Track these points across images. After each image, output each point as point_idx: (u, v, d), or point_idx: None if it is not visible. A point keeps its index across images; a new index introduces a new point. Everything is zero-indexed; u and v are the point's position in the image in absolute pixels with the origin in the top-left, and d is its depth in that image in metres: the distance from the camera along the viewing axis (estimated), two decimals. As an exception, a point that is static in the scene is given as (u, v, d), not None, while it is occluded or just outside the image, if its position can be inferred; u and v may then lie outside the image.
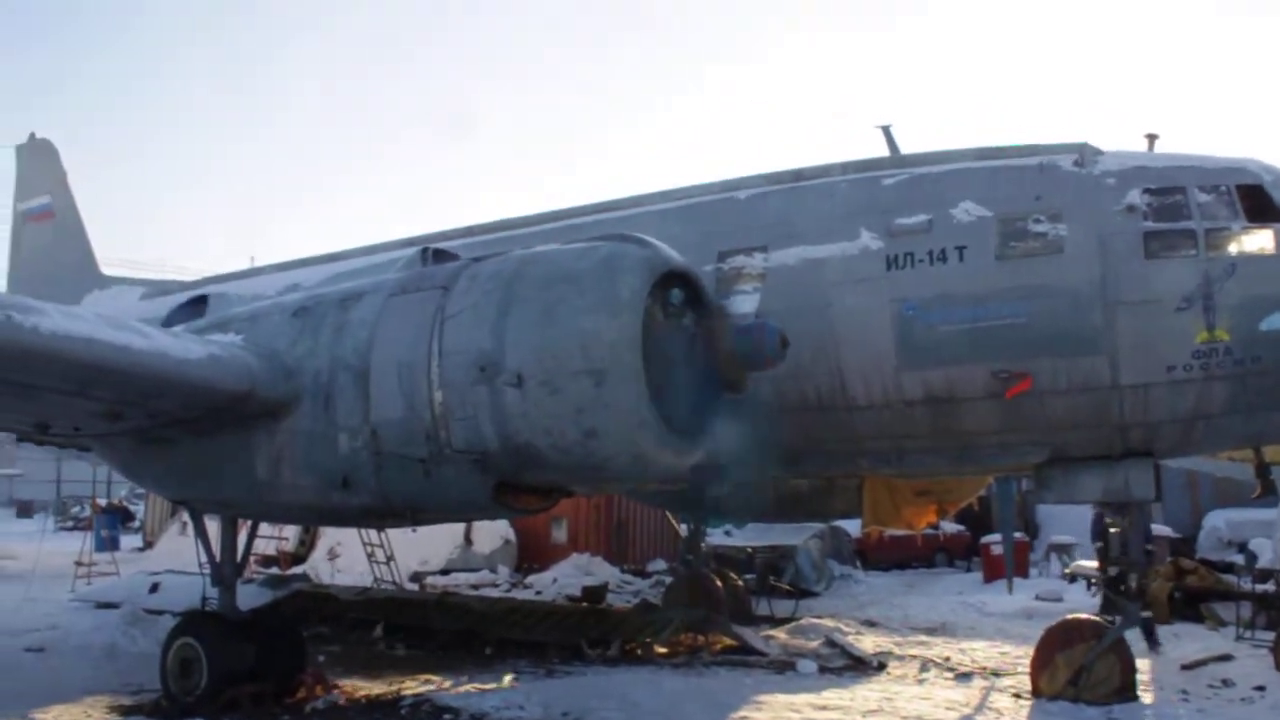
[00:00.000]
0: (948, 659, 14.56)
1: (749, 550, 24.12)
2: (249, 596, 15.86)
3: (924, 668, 13.98)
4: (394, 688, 12.50)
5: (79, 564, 24.37)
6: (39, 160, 26.52)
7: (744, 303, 12.27)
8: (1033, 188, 11.72)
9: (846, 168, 12.92)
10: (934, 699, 11.89)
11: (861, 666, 14.03)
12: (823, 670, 13.77)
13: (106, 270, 24.86)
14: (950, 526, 29.92)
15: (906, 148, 13.15)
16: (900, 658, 14.67)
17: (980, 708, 11.50)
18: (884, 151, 13.21)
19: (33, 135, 26.92)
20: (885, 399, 12.00)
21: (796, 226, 12.59)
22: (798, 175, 13.27)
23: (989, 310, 11.39)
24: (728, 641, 15.26)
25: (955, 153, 12.49)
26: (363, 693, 12.23)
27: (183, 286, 20.34)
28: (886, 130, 13.34)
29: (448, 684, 12.72)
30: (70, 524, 45.84)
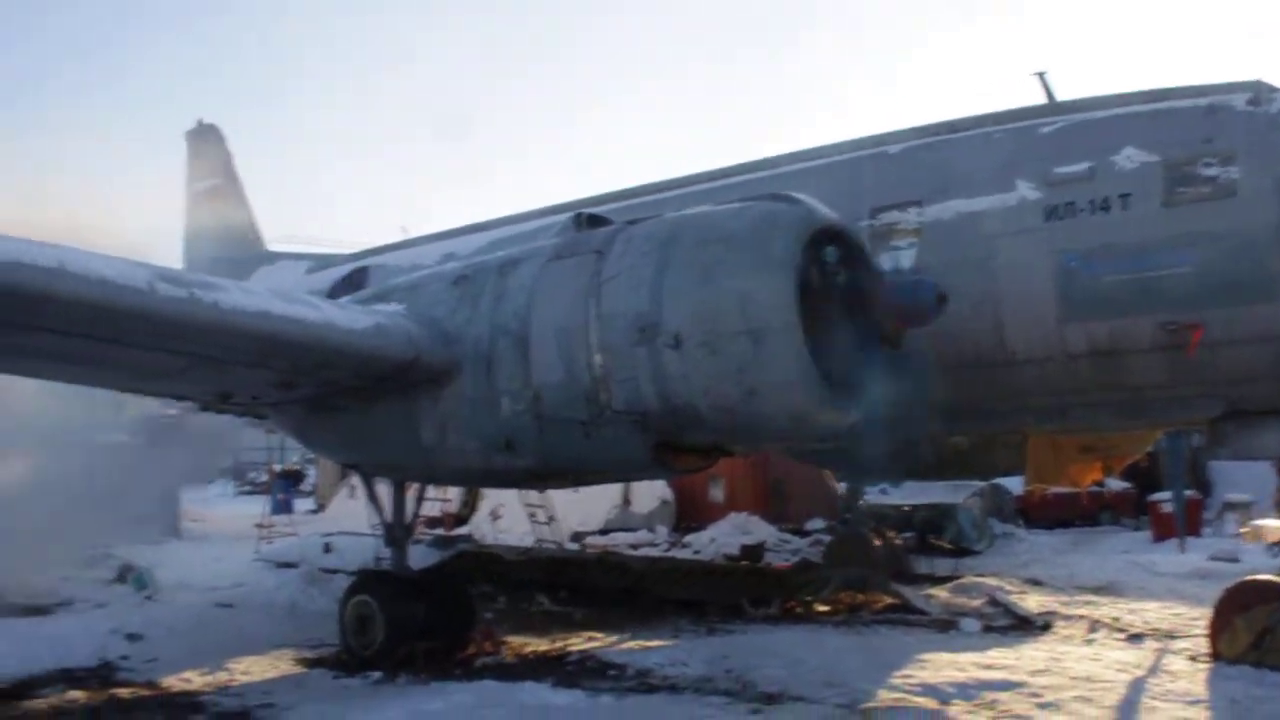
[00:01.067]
0: (1117, 620, 14.11)
1: (908, 508, 23.80)
2: (417, 557, 16.38)
3: (1092, 628, 13.59)
4: (559, 644, 12.79)
5: (259, 526, 25.59)
6: (207, 144, 27.70)
7: (899, 258, 12.08)
8: (1202, 130, 11.18)
9: (1001, 117, 12.54)
10: (1104, 660, 11.55)
11: (1026, 626, 13.72)
12: (986, 629, 13.52)
13: (272, 246, 25.89)
14: (1116, 484, 28.87)
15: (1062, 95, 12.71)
16: (1067, 618, 14.26)
17: (1154, 670, 11.12)
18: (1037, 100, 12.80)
19: (200, 121, 28.11)
20: (1047, 353, 11.68)
21: (951, 179, 12.30)
22: (951, 127, 12.94)
23: (1156, 259, 10.95)
24: (888, 600, 15.14)
25: (1116, 97, 11.97)
26: (529, 649, 12.56)
27: (344, 259, 21.00)
28: (1042, 76, 12.89)
29: (611, 641, 12.95)
30: (248, 488, 48.12)
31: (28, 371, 11.68)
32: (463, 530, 24.98)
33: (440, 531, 24.26)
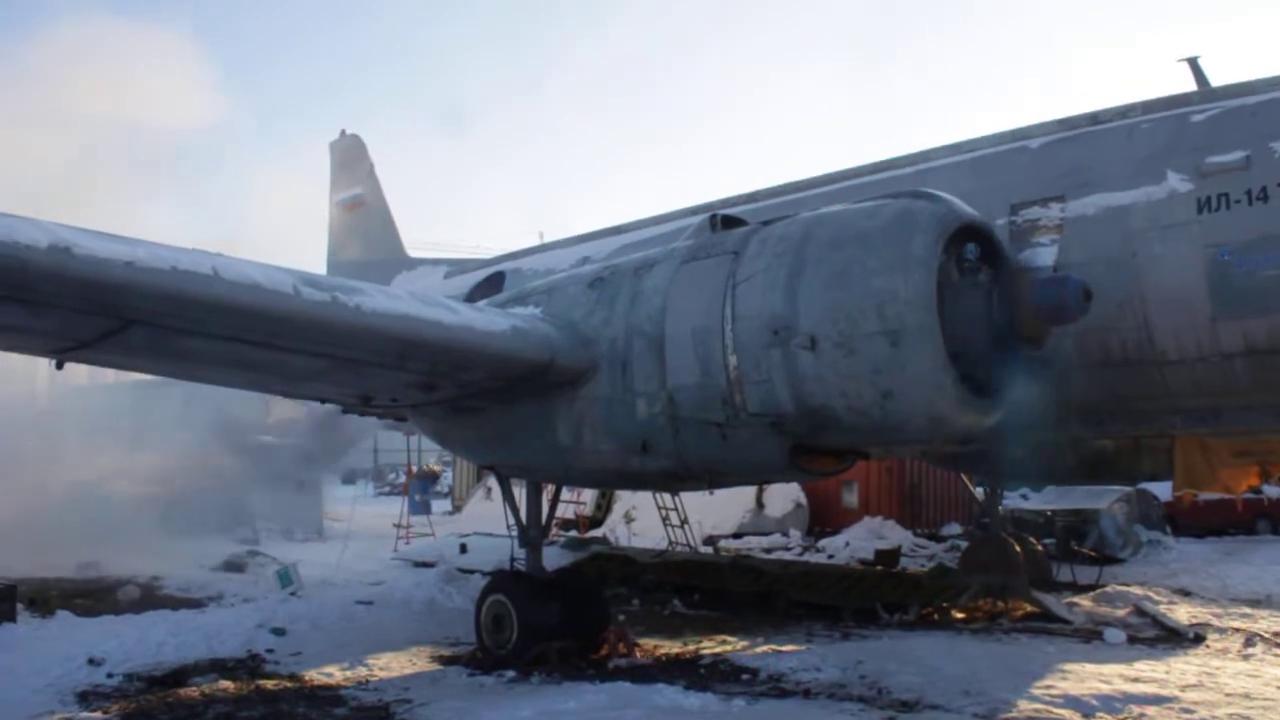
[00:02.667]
0: (1276, 634, 13.48)
1: (1049, 514, 23.19)
2: (551, 558, 16.58)
3: (1249, 642, 13.00)
4: (692, 647, 12.78)
5: (397, 526, 26.21)
6: (349, 154, 28.58)
7: (1041, 255, 11.75)
8: None
9: (1149, 106, 12.09)
10: (1262, 676, 11.01)
11: (1176, 638, 13.20)
12: (1132, 640, 13.05)
13: (412, 252, 26.53)
14: (1275, 490, 27.69)
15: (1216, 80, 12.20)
16: (1220, 630, 13.68)
17: (1320, 687, 10.61)
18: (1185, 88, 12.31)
19: (343, 131, 29.03)
20: (1199, 352, 11.21)
21: (1095, 173, 11.91)
22: (1093, 119, 12.54)
23: None
24: (1028, 608, 14.75)
25: (1272, 80, 11.46)
26: (662, 651, 12.57)
27: (481, 264, 21.38)
28: (1193, 62, 12.40)
29: (744, 644, 12.89)
30: (387, 489, 49.35)
31: (182, 374, 12.18)
32: (597, 532, 25.21)
33: (574, 533, 24.52)
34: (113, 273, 8.28)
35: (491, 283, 18.02)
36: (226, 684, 11.06)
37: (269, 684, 11.16)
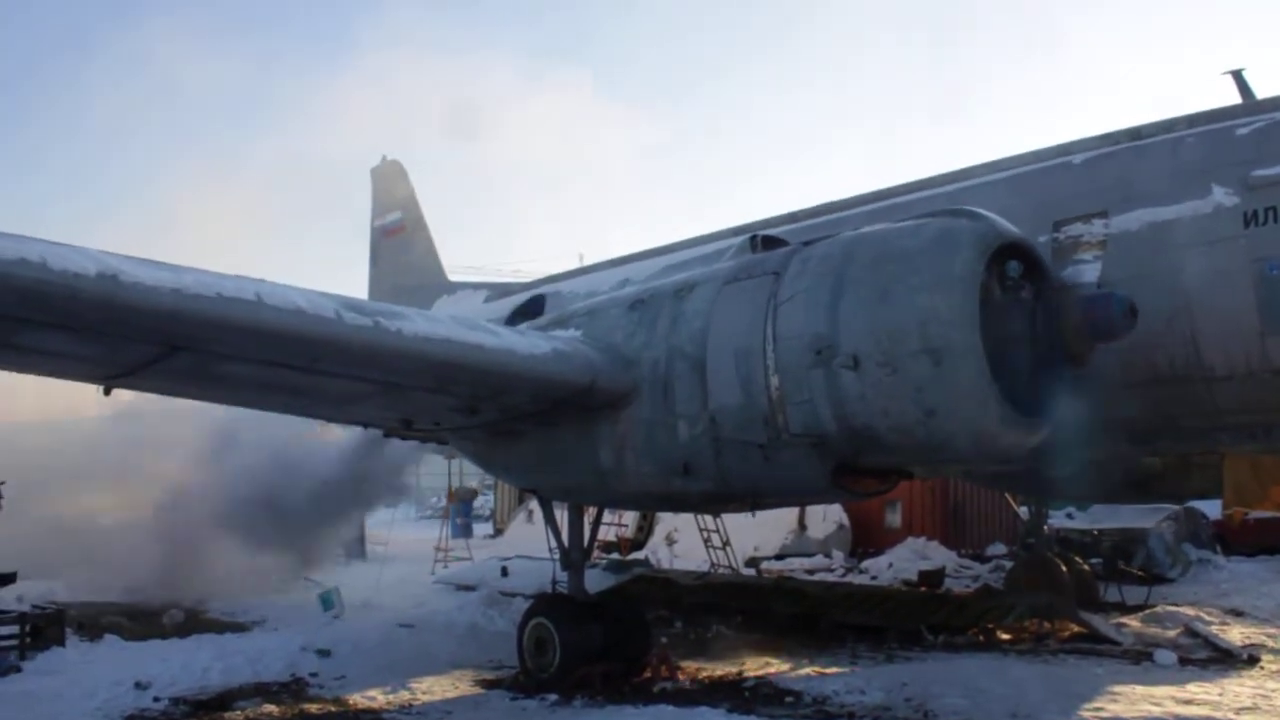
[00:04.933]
0: (1331, 653, 13.25)
1: (1095, 533, 22.84)
2: (593, 580, 16.54)
3: (1304, 662, 12.80)
4: (735, 669, 12.71)
5: (438, 549, 26.28)
6: (391, 179, 28.87)
7: (1085, 272, 11.65)
8: None
9: (1193, 120, 11.97)
10: (1319, 698, 10.86)
11: (1229, 659, 12.96)
12: (1183, 662, 12.83)
13: (452, 276, 26.71)
14: (1328, 508, 27.21)
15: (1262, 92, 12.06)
16: (1275, 652, 13.41)
17: (1376, 708, 10.40)
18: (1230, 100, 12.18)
19: (384, 157, 29.35)
20: (1249, 368, 11.07)
21: (1138, 188, 11.81)
22: (1135, 134, 12.44)
23: None
24: (1076, 629, 14.57)
25: (1323, 92, 11.33)
26: (705, 674, 12.51)
27: (522, 288, 21.47)
28: (1238, 74, 12.28)
29: (787, 667, 12.82)
30: (429, 512, 49.47)
31: (226, 399, 12.30)
32: (638, 554, 25.14)
33: (616, 555, 24.48)
34: (159, 300, 8.40)
35: (532, 306, 18.08)
36: (271, 707, 11.14)
37: (313, 707, 11.22)
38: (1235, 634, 14.53)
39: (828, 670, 12.52)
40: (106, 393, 10.39)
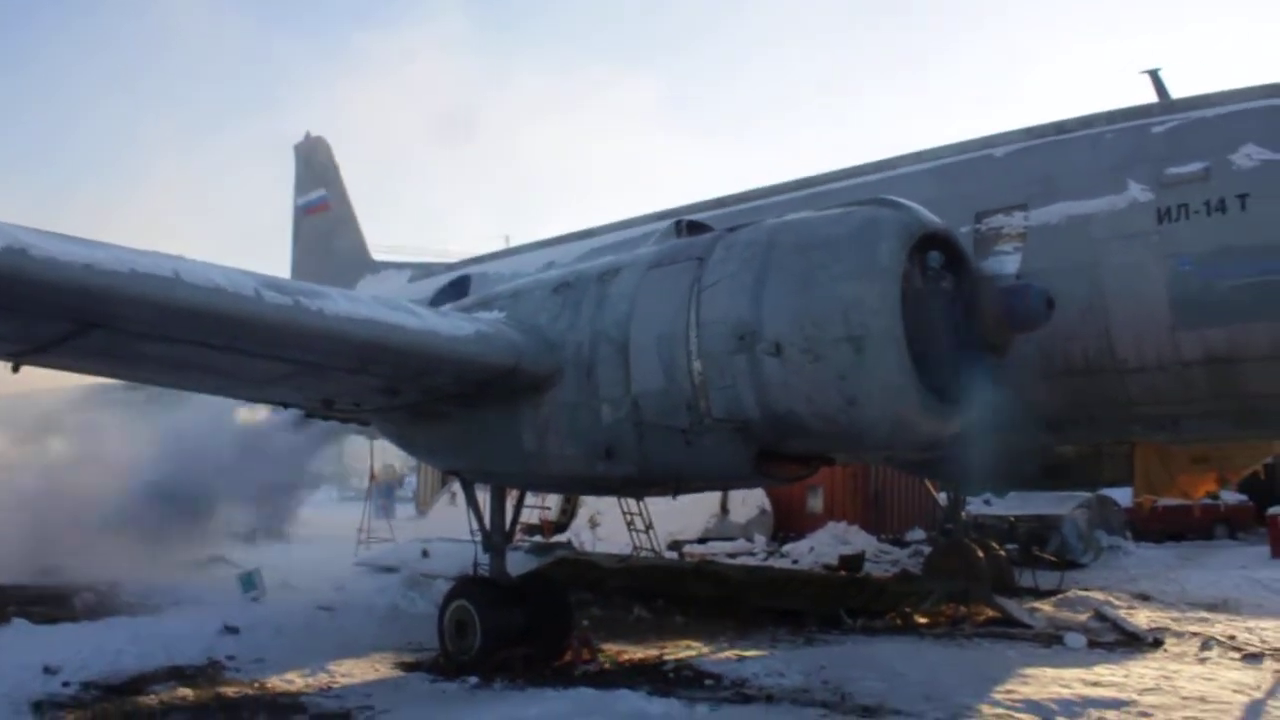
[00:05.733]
0: (1232, 638, 13.57)
1: (1011, 520, 23.34)
2: (515, 563, 16.47)
3: (1205, 646, 13.09)
4: (656, 652, 12.74)
5: (360, 531, 26.02)
6: (315, 157, 28.42)
7: (1004, 264, 11.85)
8: None
9: (1112, 117, 12.24)
10: (1218, 680, 11.11)
11: (1135, 643, 13.29)
12: (1092, 645, 13.12)
13: (376, 256, 26.39)
14: (1232, 496, 28.03)
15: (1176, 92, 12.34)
16: (1178, 635, 13.77)
17: (1274, 691, 10.67)
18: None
19: (308, 134, 28.86)
20: (1159, 361, 11.36)
21: (1058, 182, 12.04)
22: (1058, 128, 12.69)
23: (1277, 262, 10.58)
24: (990, 613, 14.83)
25: (1234, 93, 11.60)
26: (626, 656, 12.52)
27: (446, 268, 21.30)
28: (1154, 74, 12.55)
29: (708, 650, 12.87)
30: (351, 494, 48.97)
31: (143, 378, 12.06)
32: (561, 537, 25.14)
33: (539, 538, 24.45)
34: (70, 275, 8.16)
35: (456, 287, 17.94)
36: (186, 692, 10.92)
37: (229, 691, 11.02)
38: (1142, 618, 14.89)
39: (747, 653, 12.59)
40: (15, 369, 10.09)
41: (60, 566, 18.72)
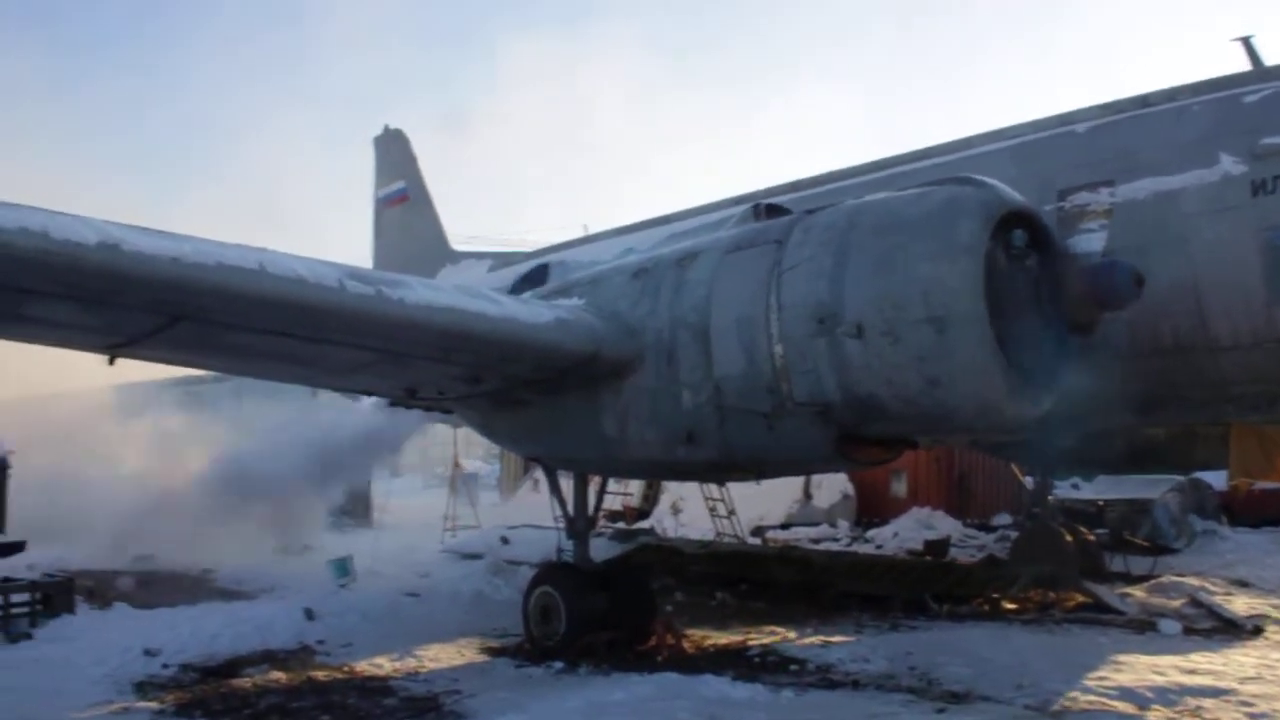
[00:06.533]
0: (1335, 624, 13.24)
1: (1100, 504, 22.84)
2: (598, 549, 16.57)
3: (1309, 634, 12.79)
4: (740, 638, 12.75)
5: (445, 517, 26.33)
6: (393, 149, 28.71)
7: (1090, 241, 11.57)
8: None
9: (1199, 88, 11.86)
10: (1323, 668, 10.85)
11: (1233, 630, 12.95)
12: (1188, 632, 12.83)
13: (456, 246, 26.62)
14: (1333, 479, 27.16)
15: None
16: (1278, 622, 13.46)
17: (1377, 677, 10.38)
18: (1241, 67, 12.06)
19: (386, 127, 29.14)
20: (1255, 338, 11.01)
21: (1145, 157, 11.71)
22: (1142, 102, 12.33)
23: None
24: (1080, 598, 14.58)
25: (1333, 59, 11.21)
26: (710, 642, 12.56)
27: (525, 257, 21.40)
28: (1247, 41, 12.14)
29: (792, 635, 12.84)
30: (435, 482, 49.54)
31: (231, 369, 12.32)
32: (644, 523, 25.20)
33: (622, 524, 24.53)
34: (159, 268, 8.38)
35: (535, 275, 17.98)
36: (279, 675, 11.21)
37: (320, 675, 11.28)
38: (1240, 604, 14.51)
39: (832, 639, 12.54)
40: (111, 362, 10.38)
41: (155, 553, 19.26)
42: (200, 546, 19.56)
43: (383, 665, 11.67)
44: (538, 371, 11.29)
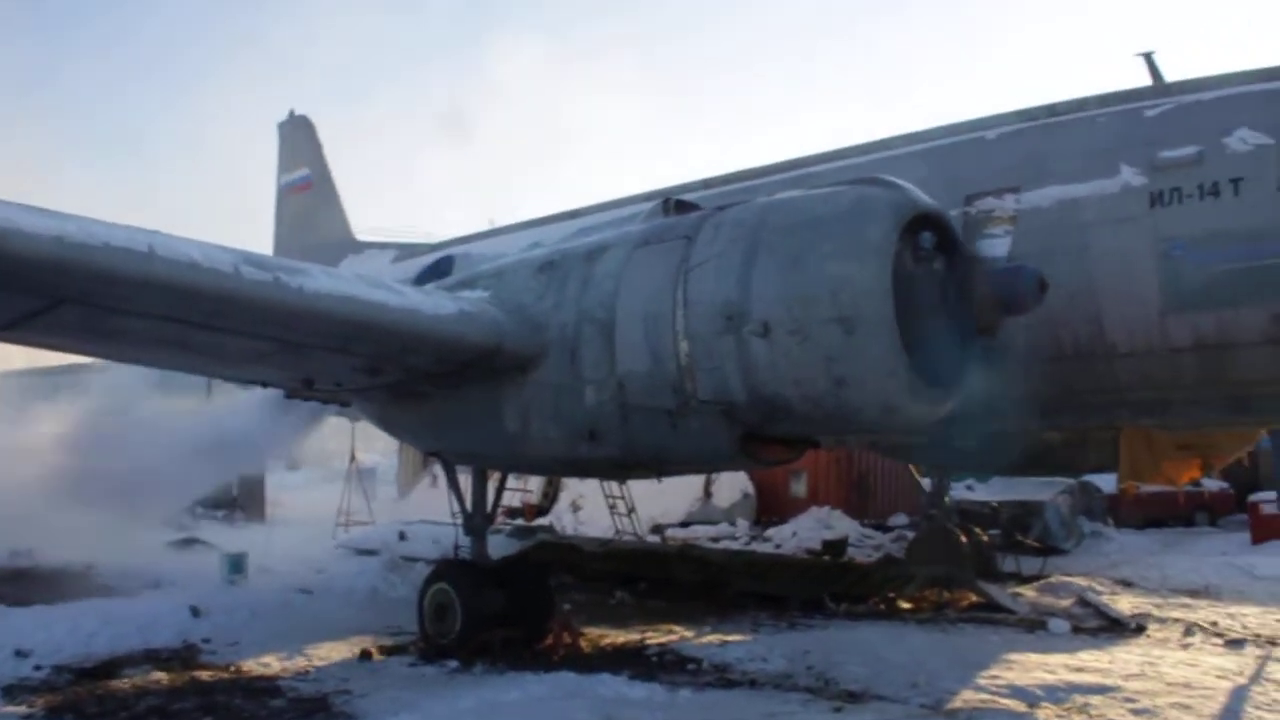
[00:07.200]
0: (1215, 624, 13.60)
1: (994, 505, 23.29)
2: (497, 546, 16.38)
3: (1188, 631, 13.12)
4: (638, 636, 12.67)
5: (339, 513, 25.84)
6: (298, 135, 28.15)
7: (995, 246, 11.75)
8: None
9: (1105, 100, 12.14)
10: (1201, 665, 11.11)
11: (1118, 628, 13.29)
12: (1076, 630, 13.12)
13: (360, 236, 26.15)
14: (1213, 483, 28.09)
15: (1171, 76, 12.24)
16: (1161, 620, 13.79)
17: (1257, 677, 10.66)
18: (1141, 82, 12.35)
19: (292, 112, 28.55)
20: (1149, 345, 11.29)
21: (1050, 165, 11.93)
22: (1051, 111, 12.59)
23: (1270, 247, 10.49)
24: (974, 598, 14.81)
25: (1228, 76, 11.52)
26: (607, 640, 12.46)
27: (430, 249, 21.10)
28: (1148, 57, 12.44)
29: (690, 634, 12.80)
30: (330, 476, 48.68)
31: (117, 356, 11.84)
32: (543, 520, 25.03)
33: (521, 521, 24.33)
34: (40, 248, 7.95)
35: (440, 267, 17.71)
36: (160, 675, 10.80)
37: (205, 675, 10.90)
38: (1125, 604, 14.90)
39: (730, 637, 12.53)
40: (-12, 346, 9.91)
41: (33, 548, 18.51)
42: (81, 541, 18.85)
43: (271, 664, 11.32)
44: (439, 364, 11.05)
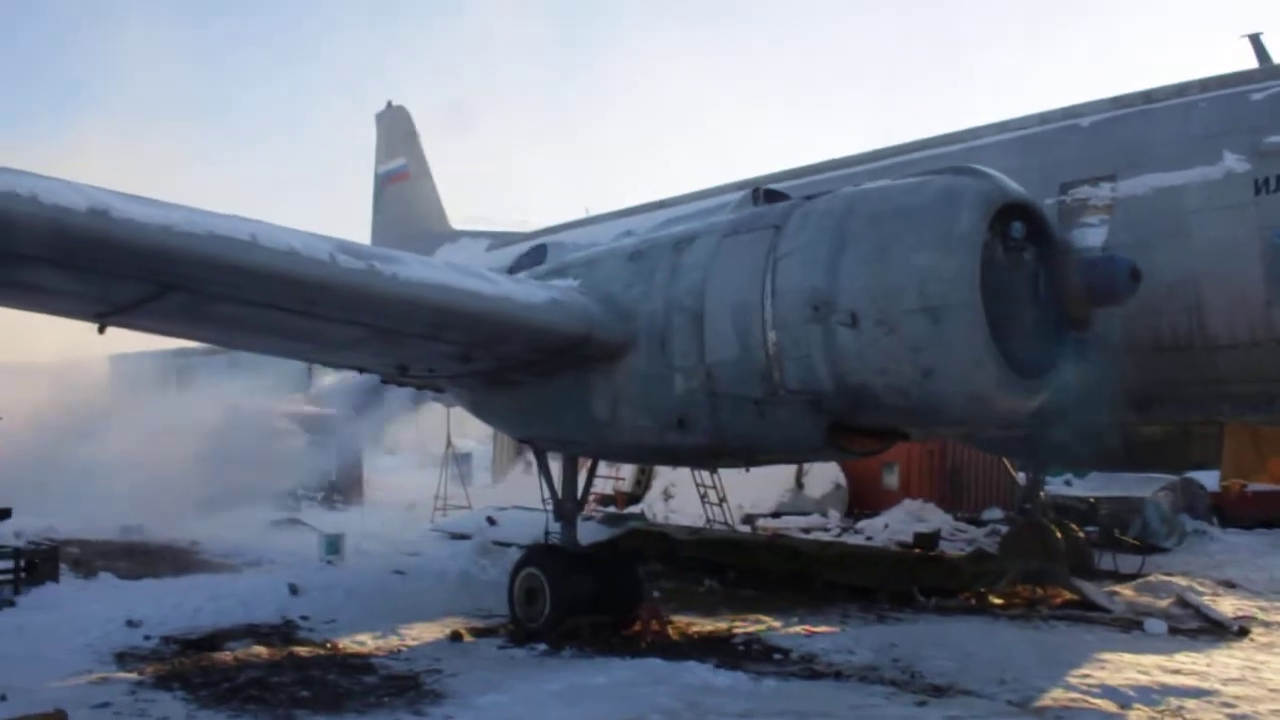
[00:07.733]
0: (1323, 628, 13.20)
1: (1092, 501, 22.78)
2: (588, 533, 16.52)
3: (1295, 637, 12.75)
4: (725, 625, 12.70)
5: (436, 497, 26.31)
6: (395, 125, 28.65)
7: (1090, 235, 11.52)
8: None
9: (1206, 84, 11.79)
10: (1308, 671, 10.80)
11: (1219, 630, 12.91)
12: (1173, 631, 12.77)
13: (455, 225, 26.54)
14: (1325, 481, 27.11)
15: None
16: (1265, 624, 13.35)
17: (1363, 681, 10.34)
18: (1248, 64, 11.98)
19: (389, 103, 29.07)
20: (1253, 337, 10.96)
21: (1148, 152, 11.65)
22: (1147, 97, 12.27)
23: None
24: (1067, 595, 14.54)
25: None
26: (695, 629, 12.51)
27: (524, 237, 21.33)
28: (1255, 38, 12.07)
29: (778, 624, 12.78)
30: (428, 461, 49.48)
31: (220, 340, 12.22)
32: (634, 508, 25.16)
33: (612, 509, 24.50)
34: (149, 237, 8.30)
35: (533, 256, 17.95)
36: (260, 649, 11.15)
37: (302, 650, 11.22)
38: (1227, 605, 14.49)
39: (818, 629, 12.50)
40: (101, 330, 10.32)
41: (143, 524, 19.23)
42: (189, 519, 19.53)
43: (365, 642, 11.61)
44: (530, 352, 11.21)
